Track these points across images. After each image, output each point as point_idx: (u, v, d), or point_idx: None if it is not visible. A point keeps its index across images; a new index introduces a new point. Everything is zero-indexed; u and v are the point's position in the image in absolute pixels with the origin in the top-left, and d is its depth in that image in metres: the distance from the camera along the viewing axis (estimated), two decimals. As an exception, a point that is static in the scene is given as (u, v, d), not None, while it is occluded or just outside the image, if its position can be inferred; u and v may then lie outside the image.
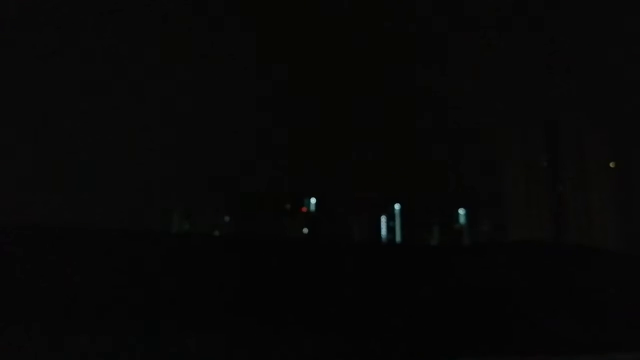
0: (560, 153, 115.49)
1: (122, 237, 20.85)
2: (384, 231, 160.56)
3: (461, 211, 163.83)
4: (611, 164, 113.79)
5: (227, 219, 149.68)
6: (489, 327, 12.06)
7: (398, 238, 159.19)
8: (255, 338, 10.43)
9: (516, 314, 13.79)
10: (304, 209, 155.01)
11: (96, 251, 16.99)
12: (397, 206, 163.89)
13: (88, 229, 22.69)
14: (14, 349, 8.41)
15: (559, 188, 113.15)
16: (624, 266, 22.62)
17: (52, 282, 12.71)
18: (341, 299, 14.16)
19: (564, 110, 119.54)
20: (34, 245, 16.69)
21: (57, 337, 9.03)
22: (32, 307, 10.72)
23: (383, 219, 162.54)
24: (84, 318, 10.42)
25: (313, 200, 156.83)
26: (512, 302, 14.92)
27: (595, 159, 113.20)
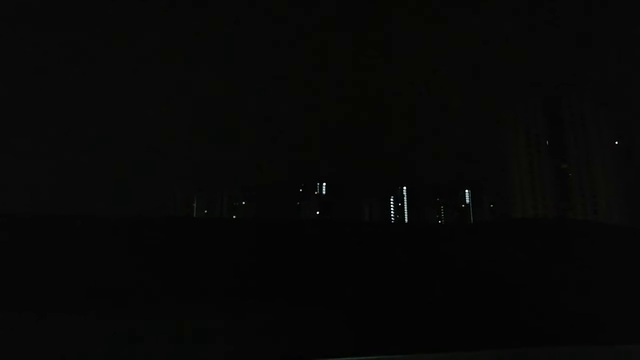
0: (563, 131, 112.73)
1: (143, 224, 20.79)
2: (392, 212, 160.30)
3: (467, 191, 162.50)
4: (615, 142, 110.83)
5: (243, 203, 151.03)
6: (495, 310, 11.61)
7: (406, 218, 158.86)
8: (271, 317, 10.21)
9: (522, 296, 13.32)
10: (316, 193, 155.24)
11: (118, 238, 16.93)
12: (404, 188, 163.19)
13: (108, 216, 22.63)
14: (29, 337, 8.30)
15: (562, 166, 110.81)
16: (630, 241, 21.85)
17: (70, 270, 12.67)
18: (351, 279, 13.88)
19: (566, 88, 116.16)
20: (53, 234, 16.71)
21: (73, 325, 8.93)
22: (51, 296, 10.67)
23: (391, 200, 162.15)
24: (103, 304, 10.33)
25: (325, 185, 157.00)
26: (518, 283, 14.45)
27: (598, 137, 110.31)
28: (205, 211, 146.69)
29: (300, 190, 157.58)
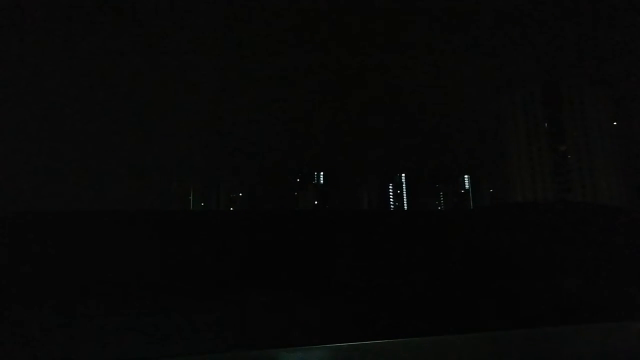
0: (561, 113, 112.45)
1: (140, 217, 20.66)
2: (391, 200, 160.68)
3: (466, 176, 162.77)
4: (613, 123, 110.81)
5: (240, 195, 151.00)
6: (496, 293, 11.65)
7: (405, 205, 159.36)
8: (269, 307, 10.20)
9: (523, 278, 13.36)
10: (314, 183, 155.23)
11: (115, 231, 16.82)
12: (402, 175, 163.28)
13: (106, 210, 22.50)
14: (31, 331, 8.24)
15: (561, 148, 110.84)
16: (631, 223, 21.94)
17: (65, 266, 12.58)
18: (350, 266, 13.88)
19: (564, 70, 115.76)
20: (54, 229, 16.58)
21: (75, 319, 8.87)
22: (53, 290, 10.61)
23: (390, 188, 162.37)
24: (103, 298, 10.28)
25: (322, 174, 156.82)
26: (519, 265, 14.48)
27: (596, 118, 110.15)
28: (202, 204, 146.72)
29: (298, 180, 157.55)
